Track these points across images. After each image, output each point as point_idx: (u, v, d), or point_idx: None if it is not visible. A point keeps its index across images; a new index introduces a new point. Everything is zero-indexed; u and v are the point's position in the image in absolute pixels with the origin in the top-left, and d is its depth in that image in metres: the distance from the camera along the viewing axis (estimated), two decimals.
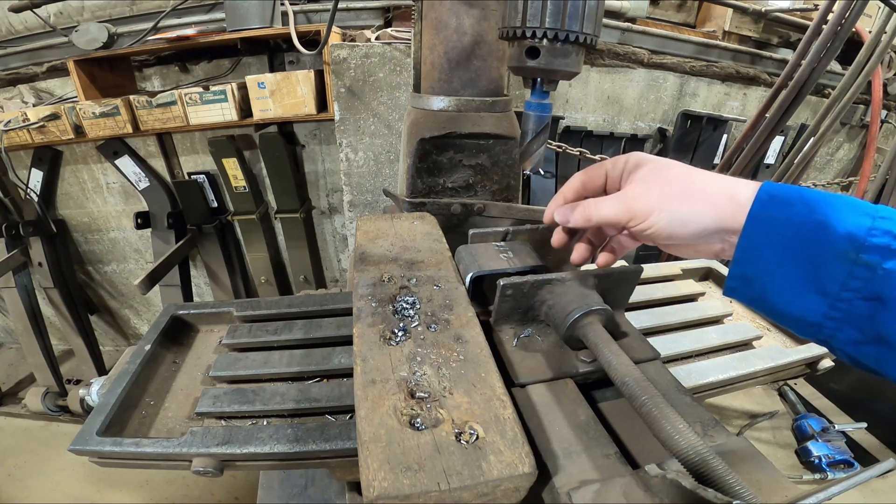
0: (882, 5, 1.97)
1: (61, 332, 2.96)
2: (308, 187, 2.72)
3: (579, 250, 0.66)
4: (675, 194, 0.51)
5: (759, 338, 0.93)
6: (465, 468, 0.40)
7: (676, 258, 0.73)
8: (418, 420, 0.45)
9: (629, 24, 2.32)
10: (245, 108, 2.17)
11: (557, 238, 0.67)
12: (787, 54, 2.38)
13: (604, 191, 0.61)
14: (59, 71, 2.37)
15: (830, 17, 1.86)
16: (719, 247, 0.53)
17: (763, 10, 2.41)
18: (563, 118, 2.50)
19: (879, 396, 2.39)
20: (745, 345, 0.92)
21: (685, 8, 2.60)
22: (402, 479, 0.39)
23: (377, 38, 1.99)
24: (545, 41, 0.62)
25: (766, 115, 2.11)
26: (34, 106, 2.29)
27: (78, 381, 2.97)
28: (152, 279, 2.31)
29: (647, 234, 0.54)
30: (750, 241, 0.47)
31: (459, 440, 0.43)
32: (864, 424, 2.30)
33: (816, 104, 2.47)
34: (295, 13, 2.06)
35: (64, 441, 2.35)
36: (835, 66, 2.30)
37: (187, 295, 2.80)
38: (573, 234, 0.66)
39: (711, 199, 0.50)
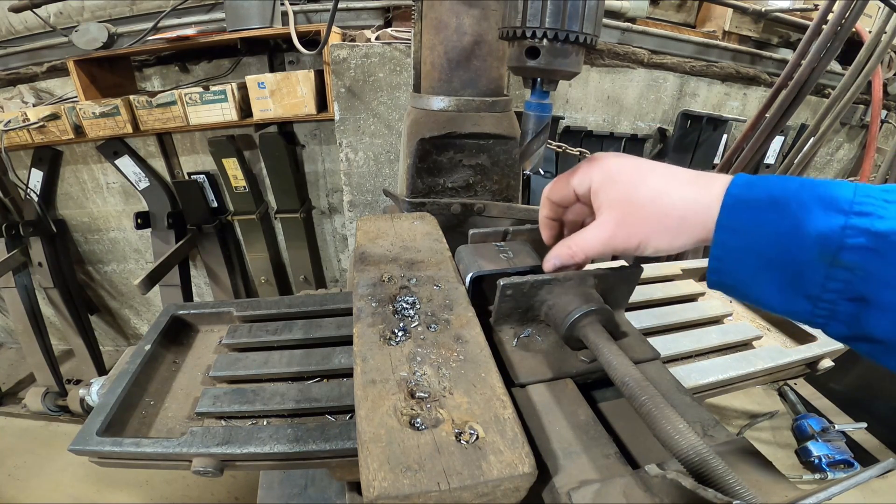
0: (882, 5, 1.97)
1: (61, 332, 2.97)
2: (308, 187, 2.72)
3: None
4: (652, 231, 0.51)
5: (759, 338, 0.93)
6: (465, 468, 0.40)
7: (677, 258, 0.73)
8: (418, 420, 0.45)
9: (629, 24, 2.32)
10: (245, 108, 2.17)
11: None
12: (787, 54, 2.38)
13: (577, 199, 0.60)
14: (59, 71, 2.37)
15: (830, 17, 1.86)
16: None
17: (763, 10, 2.41)
18: (563, 118, 2.50)
19: (879, 396, 2.38)
20: (745, 345, 0.92)
21: (685, 8, 2.60)
22: (402, 479, 0.39)
23: (377, 38, 1.99)
24: (545, 41, 0.61)
25: (766, 115, 2.11)
26: (34, 106, 2.29)
27: (78, 381, 2.97)
28: (152, 279, 2.31)
29: (639, 257, 0.56)
30: (722, 252, 0.46)
31: (459, 440, 0.42)
32: (864, 424, 2.30)
33: (816, 104, 2.47)
34: (295, 13, 2.06)
35: (64, 441, 2.34)
36: (835, 66, 2.30)
37: (187, 295, 2.80)
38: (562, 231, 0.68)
39: (691, 224, 0.48)
